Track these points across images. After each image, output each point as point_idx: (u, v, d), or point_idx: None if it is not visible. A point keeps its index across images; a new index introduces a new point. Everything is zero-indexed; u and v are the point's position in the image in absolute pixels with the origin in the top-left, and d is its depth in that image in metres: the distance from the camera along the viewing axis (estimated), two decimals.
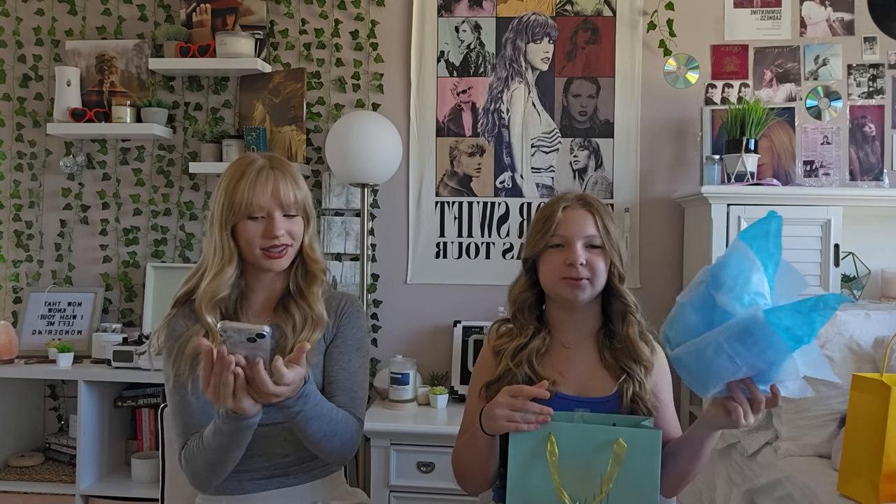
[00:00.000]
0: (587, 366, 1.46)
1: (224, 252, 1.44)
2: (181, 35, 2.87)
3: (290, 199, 1.44)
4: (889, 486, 1.61)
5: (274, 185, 1.43)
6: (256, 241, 1.43)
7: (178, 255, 2.98)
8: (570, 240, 1.42)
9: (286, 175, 1.45)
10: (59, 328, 2.88)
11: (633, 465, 1.24)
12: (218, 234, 1.44)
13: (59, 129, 2.84)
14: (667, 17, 2.77)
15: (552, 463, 1.25)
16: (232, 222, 1.43)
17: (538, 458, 1.26)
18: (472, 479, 1.45)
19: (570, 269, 1.40)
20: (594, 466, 1.25)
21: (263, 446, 1.45)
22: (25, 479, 2.69)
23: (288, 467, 1.49)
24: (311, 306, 1.49)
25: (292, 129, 2.85)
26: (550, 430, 1.26)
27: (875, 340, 2.09)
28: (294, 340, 1.45)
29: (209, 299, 1.43)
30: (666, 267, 2.81)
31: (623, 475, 1.24)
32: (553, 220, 1.43)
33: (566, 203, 1.45)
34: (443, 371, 2.84)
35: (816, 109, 2.77)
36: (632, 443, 1.24)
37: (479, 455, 1.39)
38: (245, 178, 1.43)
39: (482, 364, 1.52)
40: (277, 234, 1.42)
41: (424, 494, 2.42)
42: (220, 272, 1.44)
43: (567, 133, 2.85)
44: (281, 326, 1.48)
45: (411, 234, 2.91)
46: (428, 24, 2.88)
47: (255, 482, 1.47)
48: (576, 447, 1.25)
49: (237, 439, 1.31)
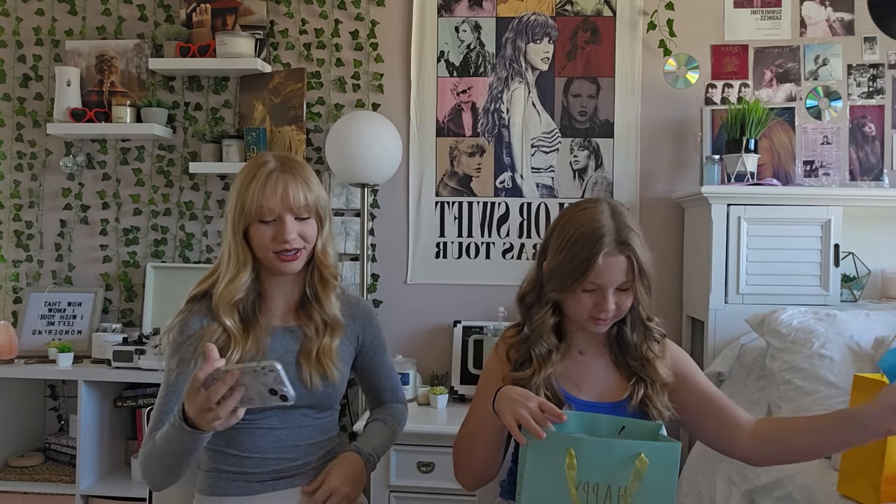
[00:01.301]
0: (602, 371, 1.48)
1: (238, 256, 1.44)
2: (181, 35, 2.87)
3: (300, 202, 1.43)
4: (890, 487, 1.61)
5: (283, 189, 1.42)
6: (268, 244, 1.43)
7: (178, 255, 2.98)
8: (603, 287, 1.35)
9: (296, 177, 1.44)
10: (59, 328, 2.88)
11: (652, 478, 1.22)
12: (231, 238, 1.45)
13: (59, 129, 2.84)
14: (667, 17, 2.77)
15: (570, 476, 1.23)
16: (244, 226, 1.43)
17: (554, 466, 1.24)
18: (471, 471, 1.45)
19: (598, 311, 1.38)
20: (613, 480, 1.23)
21: (276, 450, 1.46)
22: (25, 479, 2.69)
23: (296, 469, 1.49)
24: (327, 311, 1.52)
25: (292, 129, 2.84)
26: (570, 444, 1.24)
27: (875, 340, 2.09)
28: (318, 343, 1.49)
29: (227, 303, 1.44)
30: (666, 267, 2.81)
31: (641, 489, 1.22)
32: (592, 267, 1.33)
33: (606, 248, 1.33)
34: (443, 371, 2.84)
35: (816, 109, 2.77)
36: (652, 457, 1.23)
37: (484, 442, 1.38)
38: (255, 181, 1.42)
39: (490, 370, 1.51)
40: (288, 238, 1.41)
41: (424, 494, 2.41)
42: (235, 276, 1.44)
43: (567, 133, 2.85)
44: (302, 327, 1.51)
45: (411, 234, 2.91)
46: (428, 24, 2.88)
47: (263, 483, 1.47)
48: (595, 461, 1.23)
49: (193, 450, 1.30)
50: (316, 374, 1.48)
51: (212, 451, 1.48)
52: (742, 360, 2.33)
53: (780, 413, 2.10)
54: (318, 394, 1.49)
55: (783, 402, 2.10)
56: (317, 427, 1.53)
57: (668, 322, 2.81)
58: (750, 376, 2.30)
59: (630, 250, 1.34)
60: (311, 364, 1.48)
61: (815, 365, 2.07)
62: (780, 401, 2.11)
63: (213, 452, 1.48)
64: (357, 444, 1.56)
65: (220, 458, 1.47)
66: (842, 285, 2.54)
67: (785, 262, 2.41)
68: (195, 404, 1.19)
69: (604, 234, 1.34)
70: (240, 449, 1.46)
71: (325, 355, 1.50)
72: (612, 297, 1.36)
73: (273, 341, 1.48)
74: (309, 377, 1.47)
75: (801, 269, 2.42)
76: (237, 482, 1.45)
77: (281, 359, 1.45)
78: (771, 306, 2.27)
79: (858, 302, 2.57)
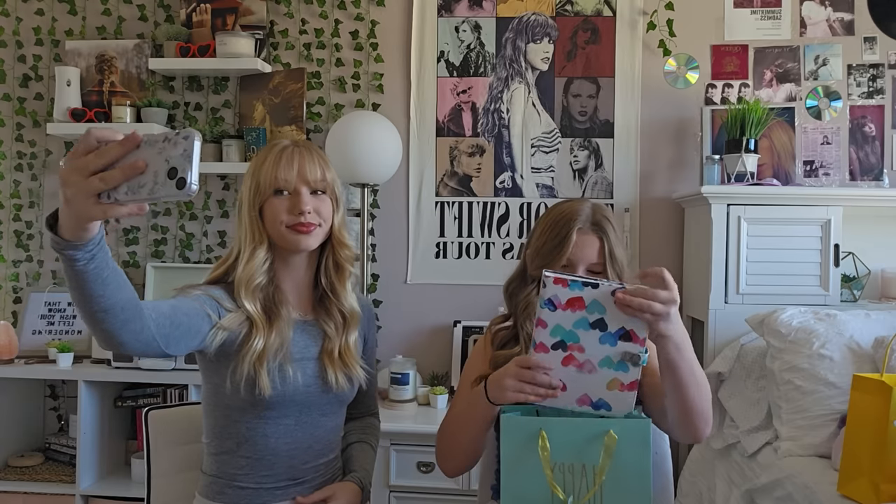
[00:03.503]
0: None
1: (254, 233, 1.42)
2: (181, 35, 2.87)
3: (316, 176, 1.43)
4: (890, 487, 1.61)
5: (300, 162, 1.42)
6: (282, 216, 1.41)
7: (178, 255, 2.98)
8: (574, 264, 1.43)
9: (312, 153, 1.45)
10: (59, 328, 2.88)
11: (624, 455, 1.24)
12: (247, 217, 1.42)
13: (59, 129, 2.84)
14: (667, 17, 2.77)
15: (544, 458, 1.25)
16: (260, 202, 1.42)
17: (530, 453, 1.26)
18: (453, 456, 1.45)
19: None
20: (586, 459, 1.25)
21: (289, 452, 1.45)
22: (25, 479, 2.69)
23: (307, 473, 1.48)
24: (344, 302, 1.50)
25: (292, 129, 2.84)
26: (541, 426, 1.26)
27: (875, 340, 2.09)
28: (340, 342, 1.48)
29: (247, 285, 1.40)
30: (666, 267, 2.79)
31: (615, 466, 1.24)
32: (567, 243, 1.42)
33: (580, 225, 1.44)
34: (443, 371, 2.84)
35: (816, 109, 2.77)
36: (622, 433, 1.24)
37: (474, 427, 1.38)
38: (270, 156, 1.43)
39: (477, 355, 1.55)
40: (304, 209, 1.40)
41: (424, 494, 2.42)
42: (252, 255, 1.42)
43: (567, 133, 2.85)
44: (319, 322, 1.49)
45: (411, 234, 2.91)
46: (428, 24, 2.88)
47: (271, 491, 1.45)
48: (567, 441, 1.25)
49: (69, 270, 0.99)
50: (341, 374, 1.47)
51: (219, 454, 1.45)
52: (742, 360, 2.33)
53: (781, 413, 2.10)
54: (342, 394, 1.49)
55: (783, 401, 2.10)
56: (330, 427, 1.51)
57: None
58: (750, 376, 2.30)
59: (603, 232, 1.44)
60: (336, 365, 1.46)
61: (815, 365, 2.07)
62: (780, 401, 2.11)
63: (221, 455, 1.45)
64: (360, 477, 1.53)
65: (228, 461, 1.44)
66: (842, 285, 2.55)
67: (785, 262, 2.41)
68: (74, 165, 0.88)
69: (580, 215, 1.45)
70: (252, 451, 1.43)
71: (347, 354, 1.49)
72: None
73: (294, 334, 1.45)
74: (335, 379, 1.46)
75: (801, 269, 2.42)
76: (245, 489, 1.43)
77: (303, 353, 1.45)
78: (771, 306, 2.27)
79: (858, 302, 2.57)
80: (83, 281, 0.99)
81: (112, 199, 0.88)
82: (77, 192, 0.88)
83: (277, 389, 1.39)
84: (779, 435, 2.10)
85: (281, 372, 1.40)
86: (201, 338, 1.33)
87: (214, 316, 1.35)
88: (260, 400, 1.38)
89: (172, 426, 1.67)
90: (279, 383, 1.39)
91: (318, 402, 1.46)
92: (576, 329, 1.20)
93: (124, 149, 0.87)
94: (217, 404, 1.44)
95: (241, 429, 1.43)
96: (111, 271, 1.02)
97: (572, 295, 1.19)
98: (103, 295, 1.03)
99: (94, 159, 0.87)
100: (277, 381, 1.39)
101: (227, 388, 1.40)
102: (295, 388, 1.41)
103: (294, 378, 1.41)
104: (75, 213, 0.90)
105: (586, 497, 1.24)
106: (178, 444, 1.66)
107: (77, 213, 0.90)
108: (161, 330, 1.19)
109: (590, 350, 1.21)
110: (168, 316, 1.23)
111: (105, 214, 0.89)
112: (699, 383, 1.29)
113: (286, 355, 1.41)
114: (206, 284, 1.44)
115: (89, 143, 0.88)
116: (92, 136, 0.88)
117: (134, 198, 0.87)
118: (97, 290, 1.01)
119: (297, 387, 1.42)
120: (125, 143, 0.87)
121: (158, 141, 0.87)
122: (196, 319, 1.32)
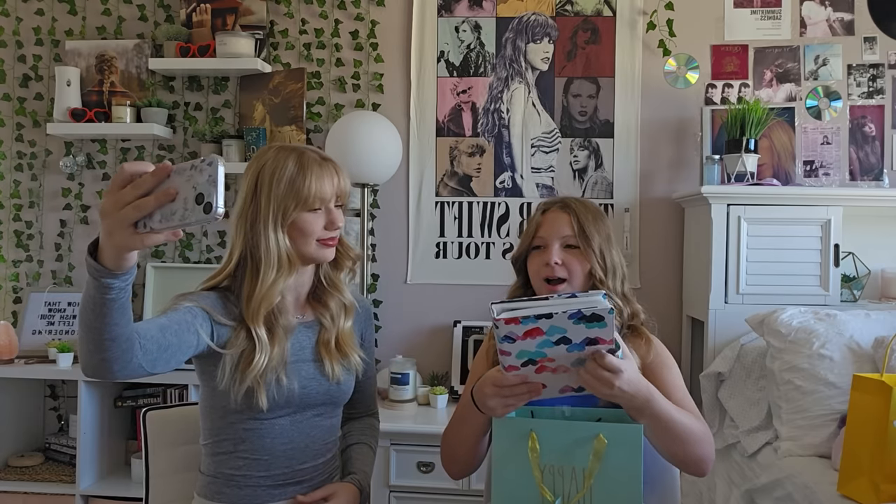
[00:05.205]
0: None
1: (281, 257, 1.38)
2: (181, 35, 2.87)
3: (346, 189, 1.46)
4: (890, 487, 1.61)
5: (337, 177, 1.43)
6: (317, 233, 1.42)
7: (178, 255, 2.98)
8: (547, 241, 1.47)
9: (337, 165, 1.47)
10: (59, 328, 2.88)
11: (615, 459, 1.23)
12: (273, 235, 1.38)
13: (59, 129, 2.84)
14: (667, 17, 2.76)
15: (533, 459, 1.25)
16: (292, 217, 1.40)
17: (520, 454, 1.26)
18: (458, 459, 1.46)
19: (548, 269, 1.45)
20: (576, 462, 1.25)
21: (286, 452, 1.45)
22: (25, 479, 2.69)
23: (304, 473, 1.48)
24: (341, 292, 1.52)
25: (292, 129, 2.84)
26: (532, 427, 1.26)
27: (875, 340, 2.09)
28: (335, 331, 1.49)
29: (265, 309, 1.39)
30: (666, 267, 2.81)
31: (605, 470, 1.24)
32: (534, 223, 1.50)
33: (547, 206, 1.51)
34: (443, 371, 2.84)
35: (816, 109, 2.77)
36: (613, 438, 1.24)
37: (472, 432, 1.39)
38: (308, 170, 1.40)
39: (480, 358, 1.56)
40: (340, 225, 1.44)
41: (424, 494, 2.42)
42: (277, 279, 1.38)
43: (567, 133, 2.85)
44: (318, 317, 1.51)
45: (411, 234, 2.91)
46: (428, 24, 2.88)
47: (269, 490, 1.45)
48: (557, 443, 1.26)
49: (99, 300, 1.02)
50: (338, 364, 1.48)
51: (217, 455, 1.46)
52: (742, 360, 2.33)
53: (781, 413, 2.10)
54: (338, 387, 1.49)
55: (783, 402, 2.10)
56: (326, 427, 1.52)
57: (668, 322, 2.82)
58: (750, 376, 2.30)
59: (570, 210, 1.48)
60: (332, 354, 1.48)
61: (815, 365, 2.07)
62: (780, 401, 2.11)
63: (219, 455, 1.46)
64: (359, 479, 1.54)
65: (226, 462, 1.45)
66: (842, 285, 2.54)
67: (785, 263, 2.41)
68: (111, 199, 0.93)
69: (550, 202, 1.52)
70: (249, 451, 1.44)
71: (343, 341, 1.50)
72: (557, 251, 1.45)
73: (292, 340, 1.46)
74: (331, 370, 1.47)
75: (801, 269, 2.42)
76: (244, 489, 1.44)
77: (298, 355, 1.45)
78: (771, 306, 2.27)
79: (858, 302, 2.57)
80: (109, 308, 1.04)
81: (147, 227, 0.94)
82: (115, 223, 0.93)
83: (273, 400, 1.40)
84: (779, 435, 2.10)
85: (278, 382, 1.41)
86: (191, 352, 1.34)
87: (205, 332, 1.35)
88: (256, 405, 1.39)
89: (170, 427, 1.67)
90: (276, 393, 1.40)
91: (313, 403, 1.47)
92: (541, 349, 1.18)
93: (157, 179, 0.92)
94: (214, 406, 1.45)
95: (238, 430, 1.43)
96: (129, 301, 1.07)
97: (528, 328, 1.15)
98: (118, 323, 1.07)
99: (130, 191, 0.92)
100: (274, 391, 1.40)
101: (227, 396, 1.40)
102: (290, 392, 1.42)
103: (290, 384, 1.42)
104: (115, 244, 0.95)
105: (575, 499, 1.24)
106: (177, 444, 1.66)
107: (117, 244, 0.95)
108: (147, 356, 1.18)
109: (560, 360, 1.20)
110: (156, 340, 1.22)
111: (143, 244, 0.95)
112: (683, 439, 1.30)
113: (284, 364, 1.42)
114: (199, 291, 1.44)
115: (123, 176, 0.93)
116: (126, 171, 0.93)
117: (167, 225, 0.93)
118: (116, 317, 1.06)
119: (293, 390, 1.43)
120: (157, 173, 0.92)
121: (186, 169, 0.92)
122: (185, 336, 1.31)
